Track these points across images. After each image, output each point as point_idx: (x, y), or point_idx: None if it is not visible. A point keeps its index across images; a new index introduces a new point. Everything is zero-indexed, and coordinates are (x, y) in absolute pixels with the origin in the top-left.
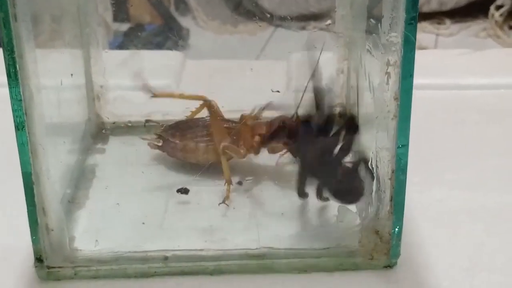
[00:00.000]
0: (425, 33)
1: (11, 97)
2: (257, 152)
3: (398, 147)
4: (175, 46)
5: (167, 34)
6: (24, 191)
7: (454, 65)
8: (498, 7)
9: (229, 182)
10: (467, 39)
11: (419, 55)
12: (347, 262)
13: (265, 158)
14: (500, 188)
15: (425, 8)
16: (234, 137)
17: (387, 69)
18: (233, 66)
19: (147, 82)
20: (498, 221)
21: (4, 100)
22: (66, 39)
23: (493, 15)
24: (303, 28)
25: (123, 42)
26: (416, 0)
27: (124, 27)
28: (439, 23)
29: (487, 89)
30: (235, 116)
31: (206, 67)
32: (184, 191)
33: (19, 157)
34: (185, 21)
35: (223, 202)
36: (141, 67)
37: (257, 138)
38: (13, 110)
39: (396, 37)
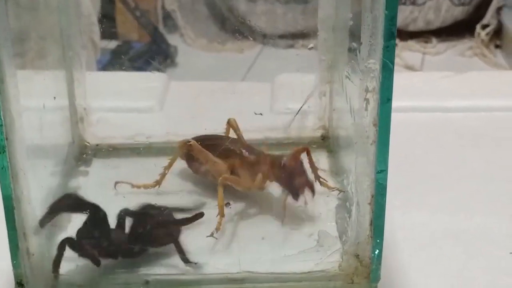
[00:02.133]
0: (411, 51)
1: None
2: (262, 188)
3: (377, 172)
4: (162, 65)
5: (154, 51)
6: (5, 215)
7: (437, 88)
8: (484, 26)
9: (221, 215)
10: (454, 58)
11: (402, 77)
12: (327, 286)
13: None
14: (481, 211)
15: (412, 27)
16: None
17: (365, 95)
18: (217, 87)
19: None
20: (479, 244)
21: None
22: (50, 62)
23: (479, 34)
24: (291, 46)
25: (111, 59)
26: (393, 28)
27: (112, 44)
28: (425, 42)
29: (469, 111)
30: None
31: (190, 88)
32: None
33: (0, 181)
34: (172, 39)
35: (211, 235)
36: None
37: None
38: None
39: (375, 63)
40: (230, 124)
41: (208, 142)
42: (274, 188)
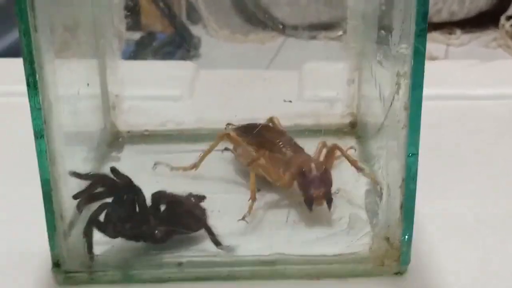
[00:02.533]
0: (435, 43)
1: (31, 106)
2: (289, 187)
3: (408, 156)
4: (186, 55)
5: (178, 42)
6: (43, 197)
7: (464, 76)
8: (509, 18)
9: (253, 199)
10: (478, 49)
11: (429, 65)
12: (358, 268)
13: None
14: (508, 197)
15: (436, 18)
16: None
17: (397, 80)
18: (246, 75)
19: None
20: (507, 230)
21: (22, 108)
22: (83, 50)
23: (503, 25)
24: (314, 37)
25: (135, 51)
26: (426, 13)
27: (136, 36)
28: (449, 33)
29: (496, 99)
30: None
31: (219, 76)
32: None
33: (38, 165)
34: (195, 30)
35: (243, 218)
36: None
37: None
38: (33, 119)
39: (406, 48)
40: (272, 121)
41: (249, 131)
42: None
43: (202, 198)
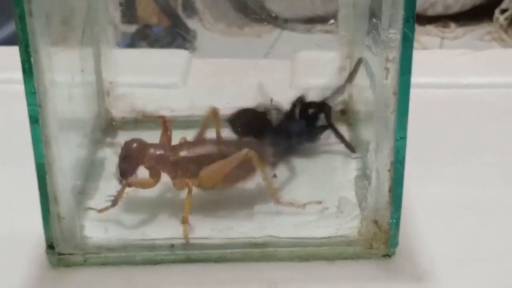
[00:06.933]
0: (430, 36)
1: (26, 91)
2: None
3: (397, 139)
4: (182, 47)
5: (174, 35)
6: (37, 181)
7: (455, 65)
8: (503, 11)
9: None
10: (472, 43)
11: (421, 55)
12: (347, 251)
13: None
14: (496, 183)
15: (430, 12)
16: None
17: (386, 65)
18: (239, 65)
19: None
20: (493, 214)
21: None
22: (77, 37)
23: (497, 18)
24: (309, 30)
25: (131, 43)
26: None
27: (132, 28)
28: (444, 27)
29: (486, 88)
30: None
31: (212, 65)
32: None
33: (33, 149)
34: (191, 23)
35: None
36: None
37: None
38: (28, 104)
39: (395, 34)
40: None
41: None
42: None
43: None
